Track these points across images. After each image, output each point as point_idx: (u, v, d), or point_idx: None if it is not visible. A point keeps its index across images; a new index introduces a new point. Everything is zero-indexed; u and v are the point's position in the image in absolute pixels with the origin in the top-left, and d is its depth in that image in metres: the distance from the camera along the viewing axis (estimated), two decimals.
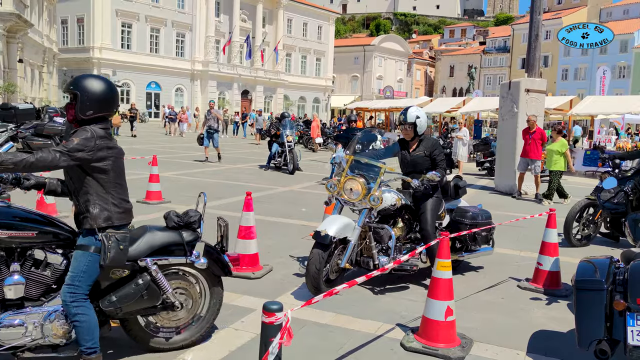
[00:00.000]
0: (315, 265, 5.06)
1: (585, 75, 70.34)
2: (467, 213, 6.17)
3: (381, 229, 5.51)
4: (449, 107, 30.68)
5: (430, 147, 5.76)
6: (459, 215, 6.19)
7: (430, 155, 5.74)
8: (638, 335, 3.37)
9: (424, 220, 5.60)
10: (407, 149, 5.86)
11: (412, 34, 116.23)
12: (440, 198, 5.84)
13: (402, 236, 5.72)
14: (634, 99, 25.39)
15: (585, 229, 8.35)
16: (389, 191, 5.55)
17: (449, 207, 6.21)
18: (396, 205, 5.55)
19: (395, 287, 5.75)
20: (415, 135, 5.78)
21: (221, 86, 57.96)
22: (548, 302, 5.59)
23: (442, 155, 5.76)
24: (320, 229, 5.15)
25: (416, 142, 5.83)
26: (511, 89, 14.23)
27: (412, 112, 5.73)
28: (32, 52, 37.68)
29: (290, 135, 16.60)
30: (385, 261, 5.45)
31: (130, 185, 3.90)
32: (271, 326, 2.67)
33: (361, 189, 5.41)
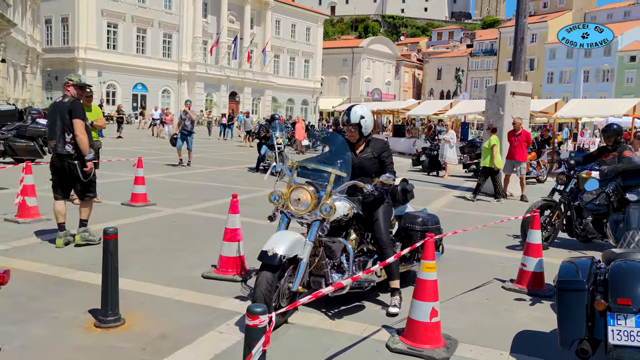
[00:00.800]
0: (264, 292, 4.25)
1: (570, 78, 71.04)
2: (417, 219, 5.77)
3: (333, 242, 4.89)
4: (436, 109, 30.85)
5: (379, 148, 5.27)
6: (408, 221, 5.78)
7: (379, 158, 5.23)
8: (618, 334, 3.41)
9: (377, 230, 5.12)
10: (354, 151, 5.28)
11: (400, 36, 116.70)
12: (391, 204, 5.38)
13: (354, 248, 5.15)
14: (617, 102, 25.69)
15: (544, 232, 8.04)
16: (340, 199, 4.93)
17: (397, 213, 5.77)
18: (349, 215, 4.95)
19: (380, 288, 5.76)
20: (361, 137, 5.26)
21: (209, 88, 57.82)
22: (532, 302, 5.63)
23: (391, 157, 5.31)
24: (266, 248, 4.39)
25: (363, 144, 5.31)
26: (497, 91, 14.33)
27: (356, 111, 5.18)
28: (15, 52, 37.34)
29: (280, 137, 16.37)
30: (339, 279, 4.83)
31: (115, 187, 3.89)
32: (255, 329, 2.67)
33: (311, 199, 4.71)
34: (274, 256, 4.34)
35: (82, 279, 5.59)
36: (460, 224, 9.02)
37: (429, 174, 19.18)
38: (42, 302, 4.93)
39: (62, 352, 4.00)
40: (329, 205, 4.64)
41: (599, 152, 8.65)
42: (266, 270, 4.34)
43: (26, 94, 41.35)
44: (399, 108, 34.66)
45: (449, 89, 78.19)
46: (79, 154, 6.73)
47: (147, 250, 6.85)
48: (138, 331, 4.39)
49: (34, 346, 4.05)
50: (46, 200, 9.28)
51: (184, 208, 9.89)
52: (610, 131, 8.38)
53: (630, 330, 3.39)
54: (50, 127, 6.85)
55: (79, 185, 6.88)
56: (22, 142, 14.51)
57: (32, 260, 6.14)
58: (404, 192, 5.86)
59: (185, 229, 8.22)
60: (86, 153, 6.72)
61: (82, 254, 6.55)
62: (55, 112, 6.78)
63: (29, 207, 8.20)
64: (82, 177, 6.79)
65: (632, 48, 66.87)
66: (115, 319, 4.45)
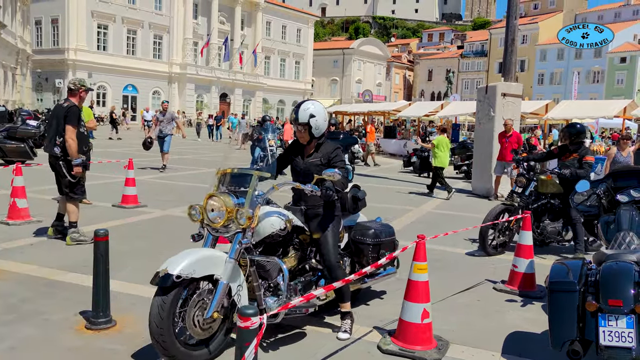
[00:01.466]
0: (156, 320, 3.59)
1: (561, 79, 71.47)
2: (368, 230, 5.04)
3: (268, 261, 4.19)
4: (427, 111, 30.90)
5: (328, 153, 4.52)
6: (359, 233, 5.06)
7: (329, 163, 4.49)
8: (609, 335, 3.43)
9: (324, 247, 4.45)
10: (302, 154, 4.65)
11: (391, 37, 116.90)
12: (340, 215, 4.71)
13: (294, 267, 4.51)
14: (608, 104, 25.85)
15: (501, 236, 7.82)
16: (277, 213, 4.25)
17: (347, 223, 5.13)
18: (287, 228, 4.25)
19: (372, 290, 5.77)
20: (312, 138, 4.54)
21: (199, 89, 57.68)
22: (523, 303, 5.65)
23: (341, 158, 4.55)
24: (160, 269, 3.70)
25: (313, 147, 4.60)
26: (488, 93, 14.38)
27: (305, 109, 4.47)
28: (5, 54, 37.12)
29: (272, 139, 16.20)
30: (274, 304, 4.12)
31: (106, 189, 3.87)
32: (246, 330, 2.66)
33: (225, 208, 3.94)
34: (165, 277, 3.64)
35: (73, 281, 5.57)
36: (451, 226, 9.05)
37: (420, 175, 19.22)
38: (32, 303, 4.90)
39: (53, 353, 3.98)
40: (245, 213, 3.90)
41: (560, 151, 8.20)
42: (157, 294, 3.66)
43: (16, 96, 41.09)
44: (390, 109, 34.70)
45: (439, 90, 78.46)
46: (66, 157, 6.86)
47: (138, 252, 6.83)
48: (129, 333, 4.38)
49: (24, 347, 4.03)
50: (37, 201, 9.23)
51: (174, 209, 9.85)
52: (573, 132, 7.90)
53: (621, 331, 3.41)
54: (47, 127, 7.10)
55: (64, 184, 7.03)
56: (12, 144, 14.44)
57: (23, 262, 6.11)
58: (355, 200, 5.17)
59: (176, 230, 8.19)
60: (74, 158, 6.82)
61: (73, 255, 6.52)
62: (54, 113, 7.03)
63: (20, 209, 8.16)
64: (69, 177, 6.94)
65: (622, 49, 67.33)
66: (107, 320, 4.43)
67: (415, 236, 4.32)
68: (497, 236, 7.78)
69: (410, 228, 9.22)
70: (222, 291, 3.84)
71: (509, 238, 7.93)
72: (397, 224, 9.77)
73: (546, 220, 7.84)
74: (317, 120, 4.46)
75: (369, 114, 38.27)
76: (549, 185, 7.82)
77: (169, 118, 15.94)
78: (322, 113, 4.53)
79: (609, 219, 4.80)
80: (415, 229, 8.74)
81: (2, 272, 5.73)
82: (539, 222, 7.81)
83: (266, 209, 4.22)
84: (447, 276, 6.50)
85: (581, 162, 7.72)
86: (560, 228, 7.86)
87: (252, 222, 3.97)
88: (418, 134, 30.67)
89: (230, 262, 3.89)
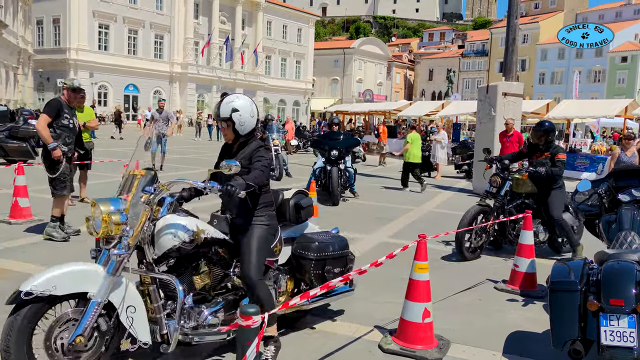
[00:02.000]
0: (4, 344, 3.16)
1: (562, 79, 71.43)
2: (311, 243, 4.42)
3: (169, 280, 3.65)
4: (428, 110, 30.89)
5: (252, 152, 3.97)
6: (300, 246, 4.43)
7: (250, 165, 3.90)
8: (611, 335, 3.43)
9: (244, 260, 3.86)
10: (230, 155, 4.12)
11: (392, 37, 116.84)
12: (273, 226, 4.11)
13: (210, 285, 3.90)
14: (609, 103, 25.83)
15: (478, 239, 7.47)
16: (183, 223, 3.65)
17: (290, 235, 4.50)
18: (195, 241, 3.69)
19: (372, 289, 5.77)
20: (238, 137, 4.01)
21: (200, 88, 57.69)
22: (524, 303, 5.65)
23: (262, 163, 3.88)
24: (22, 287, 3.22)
25: (237, 147, 4.08)
26: (489, 92, 14.37)
27: (227, 102, 3.95)
28: (7, 53, 37.15)
29: (276, 139, 15.77)
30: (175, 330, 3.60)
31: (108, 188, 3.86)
32: (248, 329, 2.67)
33: (102, 215, 3.38)
34: (16, 294, 3.22)
35: None
36: (452, 225, 9.04)
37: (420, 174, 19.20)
38: None
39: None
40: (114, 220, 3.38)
41: (530, 150, 7.89)
42: (10, 314, 3.24)
43: (18, 95, 41.13)
44: (391, 109, 34.70)
45: (440, 89, 78.40)
46: (48, 155, 7.05)
47: None
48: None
49: None
50: (38, 201, 9.24)
51: None
52: (542, 130, 7.54)
53: (622, 330, 3.41)
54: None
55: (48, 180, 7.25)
56: (14, 143, 14.45)
57: (24, 261, 6.12)
58: (298, 209, 4.54)
59: None
60: (48, 143, 6.97)
61: (73, 255, 6.50)
62: None
63: (21, 208, 8.19)
64: (48, 172, 7.14)
65: (623, 49, 67.27)
66: None
67: (416, 235, 4.32)
68: (474, 239, 7.45)
69: (411, 227, 9.23)
70: (92, 312, 3.29)
71: (485, 241, 7.58)
72: (398, 223, 9.79)
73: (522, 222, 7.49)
74: (240, 115, 3.93)
75: (370, 114, 38.25)
76: (524, 185, 7.53)
77: (165, 117, 15.72)
78: (247, 107, 3.98)
79: (611, 219, 4.80)
80: (416, 228, 8.74)
81: (4, 271, 5.74)
82: (514, 224, 7.50)
83: (170, 218, 3.63)
84: (448, 276, 6.50)
85: (554, 161, 7.41)
86: (537, 229, 7.46)
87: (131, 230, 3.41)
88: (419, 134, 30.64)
89: (108, 278, 3.34)
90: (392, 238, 8.50)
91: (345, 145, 12.14)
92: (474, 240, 7.43)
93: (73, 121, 7.31)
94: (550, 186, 7.40)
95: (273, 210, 4.14)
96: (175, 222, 3.63)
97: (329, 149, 11.87)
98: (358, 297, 5.44)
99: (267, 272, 4.20)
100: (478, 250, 7.50)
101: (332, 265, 4.49)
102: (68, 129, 7.21)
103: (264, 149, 4.01)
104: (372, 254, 7.10)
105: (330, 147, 11.88)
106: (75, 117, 7.38)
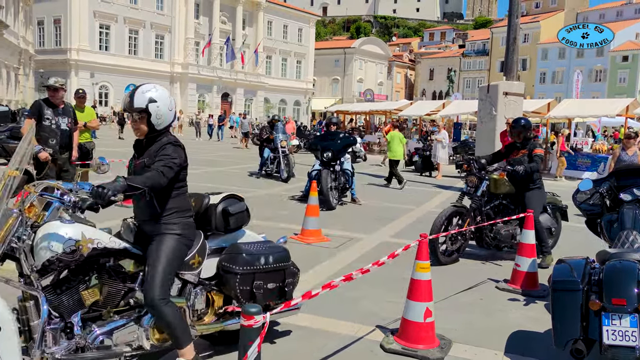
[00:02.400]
0: None
1: (563, 78, 71.40)
2: (238, 256, 3.85)
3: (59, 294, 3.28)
4: (428, 110, 30.86)
5: (158, 148, 3.49)
6: (227, 258, 3.86)
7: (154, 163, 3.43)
8: (613, 334, 3.42)
9: (148, 279, 3.38)
10: (139, 153, 3.65)
11: (392, 36, 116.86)
12: (188, 235, 3.60)
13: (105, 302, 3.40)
14: (610, 102, 25.80)
15: (454, 242, 7.11)
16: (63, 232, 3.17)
17: (220, 245, 3.97)
18: (79, 251, 3.20)
19: (374, 289, 5.76)
20: (152, 132, 3.51)
21: (201, 89, 57.73)
22: (526, 302, 5.64)
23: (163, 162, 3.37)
24: None
25: (145, 143, 3.59)
26: (490, 92, 14.37)
27: (144, 91, 3.45)
28: (8, 54, 37.18)
29: (284, 139, 15.39)
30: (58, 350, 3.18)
31: None
32: (250, 329, 2.66)
33: None
34: None
35: None
36: None
37: (421, 174, 19.21)
38: None
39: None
40: None
41: (507, 149, 7.55)
42: None
43: (19, 96, 41.16)
44: (392, 108, 34.67)
45: (441, 89, 78.39)
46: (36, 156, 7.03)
47: None
48: None
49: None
50: None
51: None
52: (519, 127, 7.21)
53: (625, 330, 3.40)
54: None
55: None
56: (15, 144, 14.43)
57: None
58: (225, 215, 3.96)
59: None
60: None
61: None
62: None
63: None
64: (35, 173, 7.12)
65: (624, 48, 67.21)
66: None
67: (417, 235, 4.31)
68: (450, 243, 7.07)
69: (412, 227, 9.23)
70: None
71: (463, 244, 7.22)
72: (399, 223, 9.79)
73: (499, 224, 7.10)
74: (158, 107, 3.44)
75: (371, 113, 38.23)
76: (501, 184, 7.16)
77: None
78: (166, 99, 3.50)
79: (612, 218, 4.80)
80: (417, 228, 8.73)
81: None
82: (492, 226, 7.13)
83: (50, 226, 3.18)
84: (449, 275, 6.49)
85: (531, 157, 7.07)
86: (515, 231, 7.15)
87: None
88: (419, 133, 30.65)
89: None
90: (393, 238, 8.50)
91: (340, 146, 11.33)
92: (449, 244, 7.08)
93: (57, 121, 7.28)
94: (528, 186, 7.09)
95: (189, 216, 3.63)
96: (53, 230, 3.16)
97: (321, 151, 11.23)
98: (360, 297, 5.44)
99: (185, 288, 3.71)
100: (455, 254, 7.15)
101: (264, 280, 3.91)
102: (50, 129, 7.21)
103: (172, 146, 3.49)
104: (373, 254, 7.10)
105: (324, 148, 11.22)
106: (62, 116, 7.34)
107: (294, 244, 7.67)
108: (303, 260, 6.84)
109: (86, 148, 9.66)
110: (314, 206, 8.06)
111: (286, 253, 4.12)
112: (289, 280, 4.09)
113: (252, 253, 3.91)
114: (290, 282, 4.09)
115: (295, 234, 8.08)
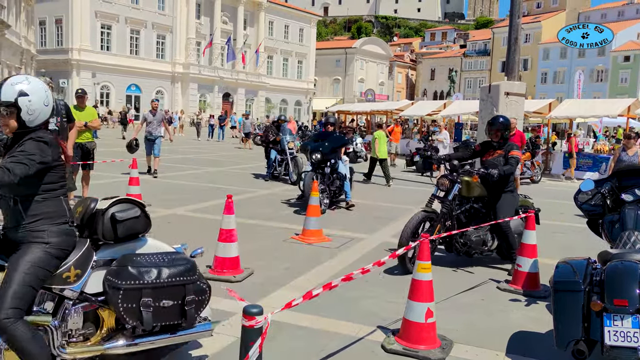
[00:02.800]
0: None
1: (564, 78, 71.38)
2: (124, 269, 3.32)
3: None
4: (430, 110, 30.83)
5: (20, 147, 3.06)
6: (112, 272, 3.34)
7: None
8: (615, 335, 3.41)
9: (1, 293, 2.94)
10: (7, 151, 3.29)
11: (394, 37, 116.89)
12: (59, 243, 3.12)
13: None
14: (611, 102, 25.77)
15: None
16: None
17: (112, 256, 3.46)
18: None
19: (375, 289, 5.76)
20: (23, 128, 3.09)
21: (202, 89, 57.75)
22: (527, 303, 5.63)
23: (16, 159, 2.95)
24: None
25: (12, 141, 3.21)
26: (491, 92, 14.34)
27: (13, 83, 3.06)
28: (10, 54, 37.21)
29: (291, 141, 14.78)
30: None
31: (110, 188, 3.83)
32: (251, 330, 2.66)
33: None
34: None
35: None
36: None
37: (422, 174, 19.20)
38: None
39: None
40: None
41: (483, 147, 7.15)
42: None
43: None
44: (393, 109, 34.65)
45: (442, 89, 78.40)
46: None
47: None
48: None
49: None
50: None
51: (178, 209, 9.86)
52: (497, 124, 6.76)
53: (626, 331, 3.40)
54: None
55: None
56: None
57: None
58: (114, 223, 3.44)
59: (180, 229, 8.19)
60: None
61: None
62: None
63: None
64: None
65: (626, 48, 67.16)
66: None
67: None
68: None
69: None
70: None
71: (433, 250, 6.73)
72: (400, 223, 9.76)
73: (470, 229, 6.66)
74: (30, 101, 3.04)
75: (372, 113, 38.21)
76: (474, 188, 6.79)
77: (159, 119, 14.49)
78: (41, 93, 3.10)
79: (614, 218, 4.79)
80: None
81: None
82: (463, 233, 6.68)
83: None
84: (450, 276, 6.49)
85: (507, 158, 6.70)
86: (486, 236, 6.81)
87: None
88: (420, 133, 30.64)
89: None
90: (394, 238, 8.46)
91: (329, 147, 10.48)
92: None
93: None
94: (501, 189, 6.72)
95: (63, 223, 3.16)
96: None
97: (310, 152, 10.46)
98: (361, 297, 5.43)
99: (61, 305, 3.22)
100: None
101: (155, 297, 3.35)
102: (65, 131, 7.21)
103: (33, 141, 3.03)
104: (374, 254, 7.10)
105: (313, 149, 10.44)
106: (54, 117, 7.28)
107: (295, 244, 7.69)
108: (304, 260, 6.85)
109: (87, 148, 9.67)
110: (314, 206, 8.06)
111: (189, 266, 3.52)
112: (191, 297, 3.46)
113: (141, 265, 3.36)
114: (192, 300, 3.47)
115: (296, 234, 8.08)
